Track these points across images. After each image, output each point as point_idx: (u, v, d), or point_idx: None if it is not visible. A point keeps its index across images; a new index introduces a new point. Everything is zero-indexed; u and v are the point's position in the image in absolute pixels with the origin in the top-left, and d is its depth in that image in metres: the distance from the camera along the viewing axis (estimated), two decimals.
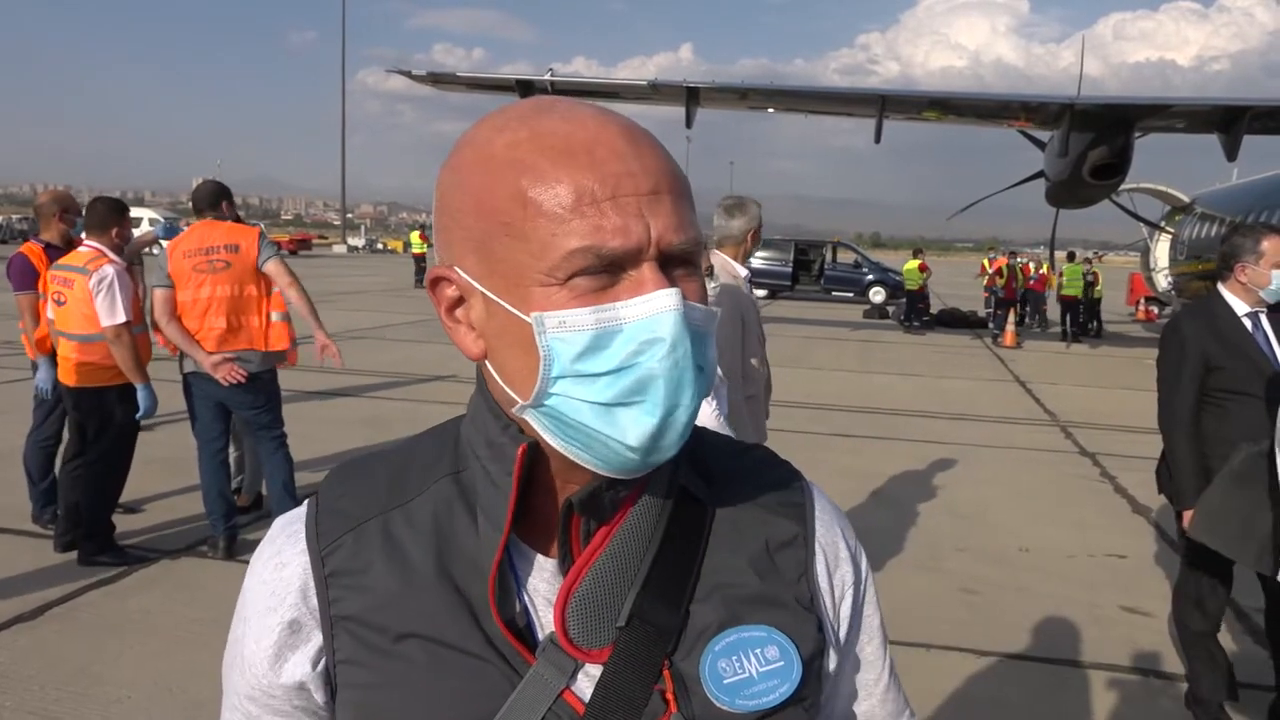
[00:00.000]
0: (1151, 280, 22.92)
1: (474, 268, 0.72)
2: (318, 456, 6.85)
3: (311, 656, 0.79)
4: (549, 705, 0.74)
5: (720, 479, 0.85)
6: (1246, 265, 3.47)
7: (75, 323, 4.89)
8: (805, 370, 13.43)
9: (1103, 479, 7.83)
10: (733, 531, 0.82)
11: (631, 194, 0.68)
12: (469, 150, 0.73)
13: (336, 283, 29.60)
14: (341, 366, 4.95)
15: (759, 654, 0.78)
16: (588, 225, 0.67)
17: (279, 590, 0.80)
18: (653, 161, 0.71)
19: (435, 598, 0.76)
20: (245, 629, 0.82)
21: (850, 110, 19.19)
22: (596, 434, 0.70)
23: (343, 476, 0.84)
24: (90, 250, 4.97)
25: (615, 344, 0.68)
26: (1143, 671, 4.24)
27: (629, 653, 0.75)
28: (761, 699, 0.77)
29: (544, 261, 0.68)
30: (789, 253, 31.57)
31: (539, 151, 0.69)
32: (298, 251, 52.22)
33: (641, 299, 0.68)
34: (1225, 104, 15.65)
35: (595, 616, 0.76)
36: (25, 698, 3.56)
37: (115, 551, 4.98)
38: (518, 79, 18.54)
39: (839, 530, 0.89)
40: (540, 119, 0.71)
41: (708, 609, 0.78)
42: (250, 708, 0.82)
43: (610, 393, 0.68)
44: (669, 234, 0.69)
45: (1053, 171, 16.69)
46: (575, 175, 0.68)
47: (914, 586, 5.12)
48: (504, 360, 0.73)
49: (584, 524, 0.77)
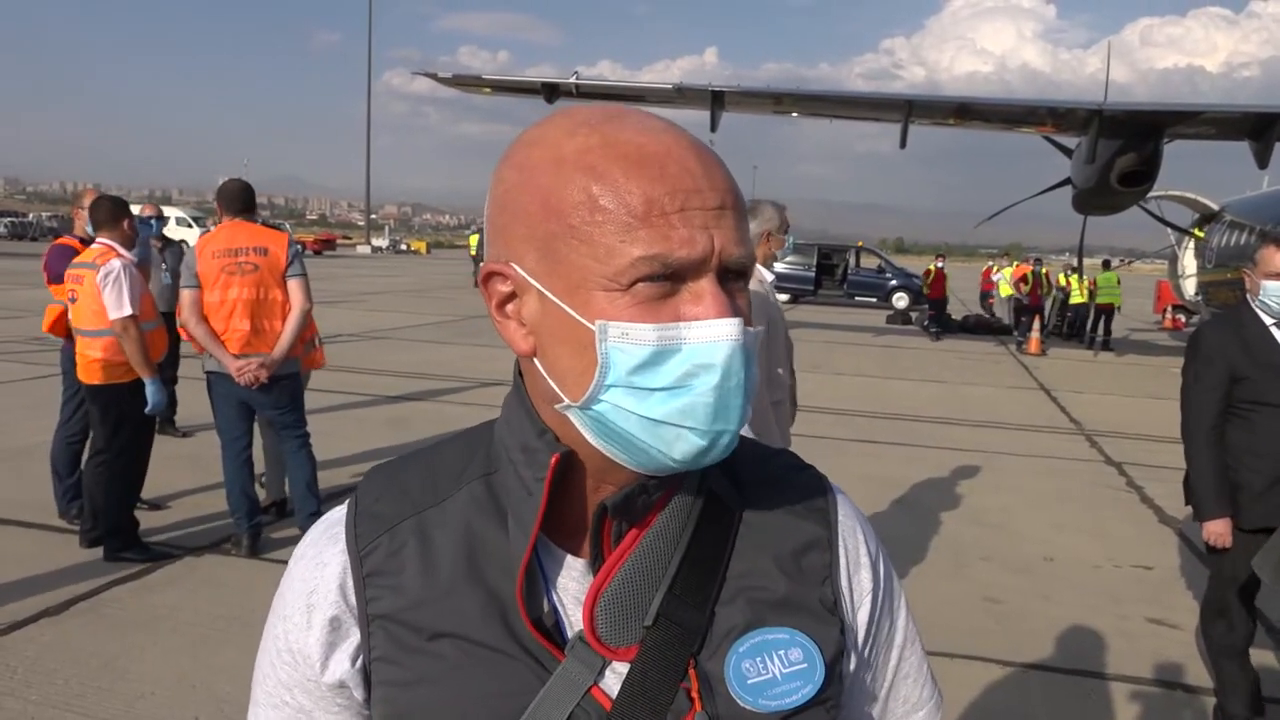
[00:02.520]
0: (1179, 288, 22.69)
1: (534, 266, 0.73)
2: (340, 456, 6.88)
3: (351, 654, 0.81)
4: (577, 701, 0.76)
5: (747, 484, 0.86)
6: (1247, 272, 3.46)
7: (86, 318, 4.94)
8: (828, 375, 13.38)
9: (1129, 489, 7.74)
10: (759, 535, 0.84)
11: (699, 208, 0.70)
12: (537, 150, 0.74)
13: (360, 283, 29.80)
14: (254, 385, 4.91)
15: (782, 655, 0.79)
16: (656, 234, 0.69)
17: (321, 588, 0.82)
18: (720, 179, 0.73)
19: (467, 597, 0.78)
20: (287, 625, 0.83)
21: (876, 115, 19.13)
22: (641, 442, 0.72)
23: (379, 479, 0.86)
24: (101, 246, 5.02)
25: (672, 362, 0.70)
26: (1168, 685, 4.18)
27: (656, 651, 0.77)
28: (784, 699, 0.78)
29: (609, 266, 0.69)
30: (812, 257, 31.48)
31: (612, 159, 0.71)
32: (322, 252, 52.62)
33: (705, 324, 0.69)
34: (1257, 111, 15.47)
35: (623, 615, 0.77)
36: (50, 691, 3.60)
37: (139, 548, 5.03)
38: (543, 82, 18.57)
39: (862, 535, 0.90)
40: (612, 127, 0.73)
41: (733, 611, 0.80)
42: (302, 700, 0.84)
43: (661, 410, 0.70)
44: (730, 248, 0.71)
45: (1080, 178, 16.55)
46: (646, 185, 0.70)
47: (938, 595, 5.08)
48: (554, 359, 0.74)
49: (615, 526, 0.79)
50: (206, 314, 4.98)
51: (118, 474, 5.03)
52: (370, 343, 14.49)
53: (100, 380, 4.98)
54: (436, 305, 22.23)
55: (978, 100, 18.28)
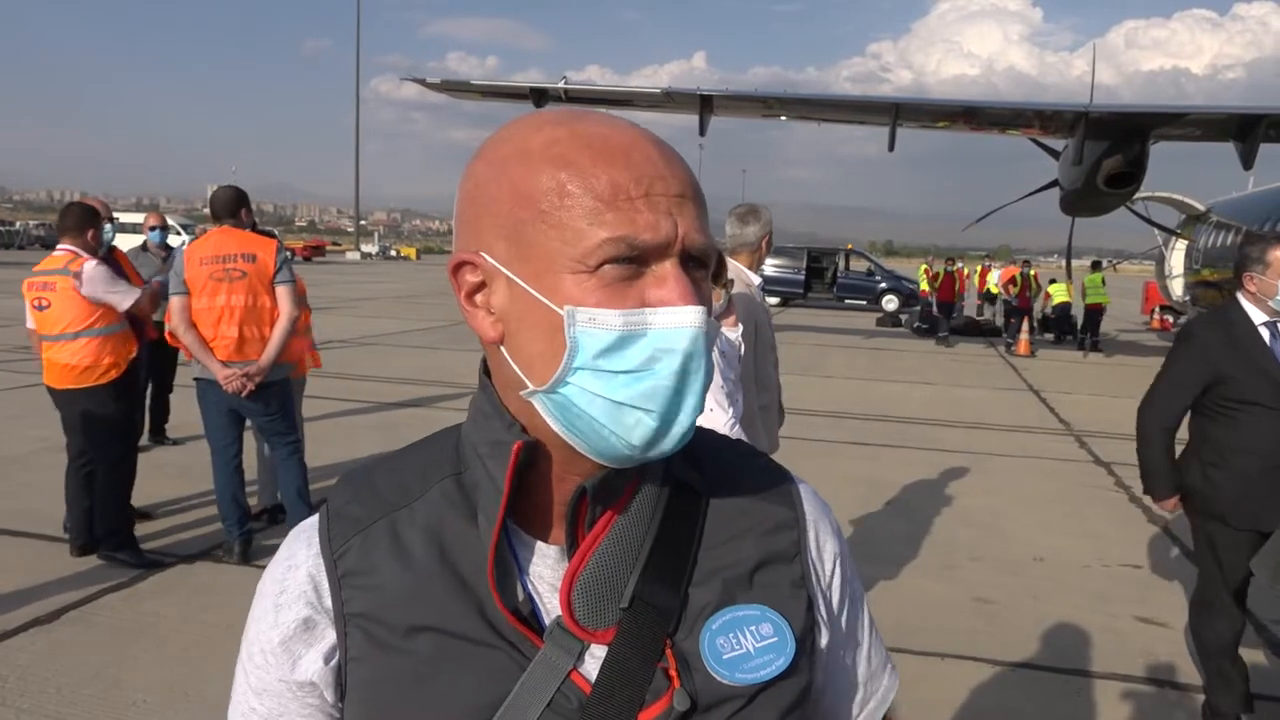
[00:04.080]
0: (1166, 289, 22.81)
1: (503, 253, 0.76)
2: (331, 463, 6.88)
3: (324, 653, 0.82)
4: (557, 686, 0.78)
5: (712, 472, 0.89)
6: (1254, 275, 3.45)
7: (62, 323, 4.92)
8: (818, 378, 13.41)
9: (1117, 489, 7.79)
10: (727, 518, 0.87)
11: (662, 194, 0.74)
12: (506, 146, 0.78)
13: (350, 289, 29.72)
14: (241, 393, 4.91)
15: (754, 630, 0.82)
16: (622, 218, 0.72)
17: (291, 590, 0.83)
18: (680, 170, 0.77)
19: (441, 591, 0.80)
20: (259, 627, 0.85)
21: (864, 118, 19.16)
22: (602, 427, 0.74)
23: (350, 483, 0.88)
24: (66, 253, 5.01)
25: (637, 346, 0.72)
26: (1158, 682, 4.21)
27: (632, 633, 0.79)
28: (759, 672, 0.81)
29: (577, 249, 0.72)
30: (802, 260, 31.53)
31: (579, 148, 0.74)
32: (311, 258, 52.41)
33: (669, 310, 0.72)
34: (1242, 112, 15.57)
35: (599, 599, 0.80)
36: (41, 700, 3.59)
37: (134, 550, 5.02)
38: (532, 86, 18.55)
39: (824, 514, 0.94)
40: (577, 122, 0.77)
41: (705, 590, 0.82)
42: (268, 704, 0.84)
43: (625, 393, 0.72)
44: (693, 234, 0.75)
45: (1067, 180, 16.62)
46: (613, 171, 0.73)
47: (928, 595, 5.10)
48: (522, 344, 0.76)
49: (590, 511, 0.81)
50: (195, 320, 4.96)
51: (107, 474, 5.01)
52: (360, 349, 14.46)
53: (73, 385, 4.96)
54: (426, 311, 22.19)
55: (965, 103, 18.34)
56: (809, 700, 0.88)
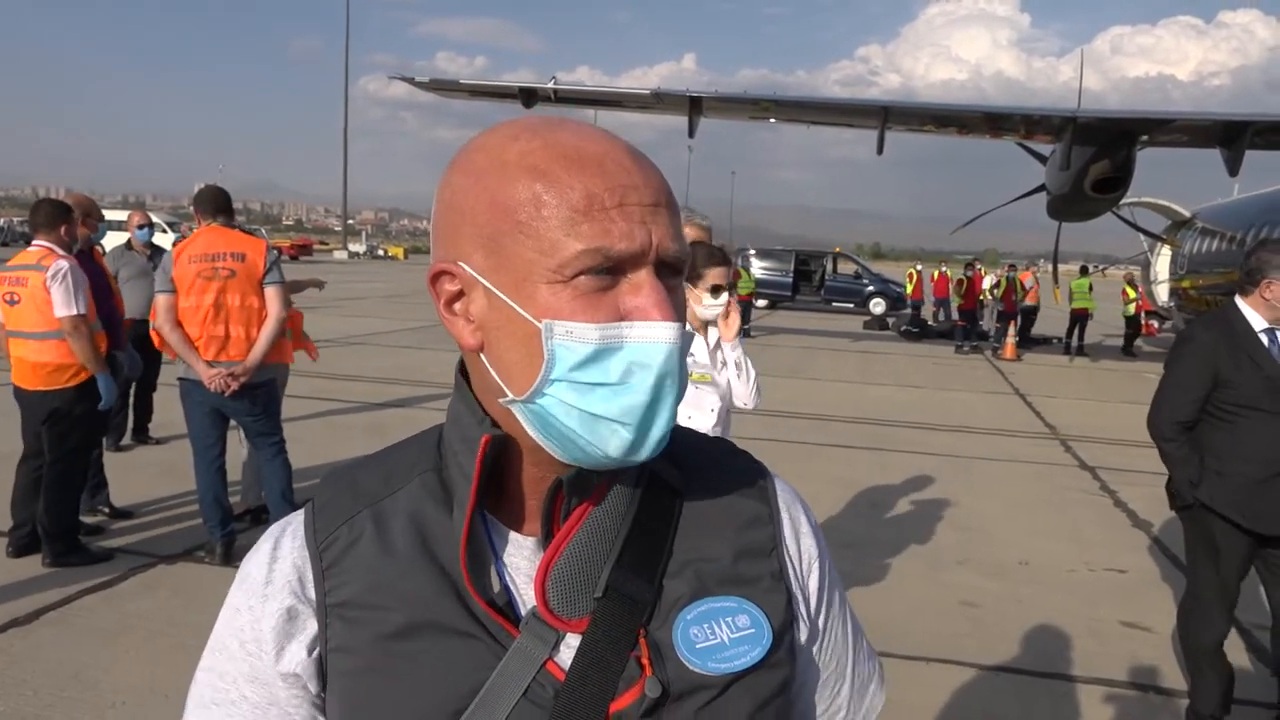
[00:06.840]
0: (1152, 294, 22.95)
1: (480, 263, 0.77)
2: (316, 463, 6.83)
3: (307, 644, 0.83)
4: (533, 675, 0.78)
5: (689, 467, 0.90)
6: (1274, 282, 3.42)
7: (32, 320, 4.88)
8: (804, 380, 13.40)
9: (1103, 493, 7.81)
10: (703, 513, 0.88)
11: (636, 204, 0.75)
12: (482, 155, 0.78)
13: (336, 289, 29.59)
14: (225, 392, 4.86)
15: (730, 621, 0.82)
16: (597, 228, 0.73)
17: (276, 579, 0.84)
18: (654, 179, 0.78)
19: (421, 581, 0.81)
20: (240, 619, 0.85)
21: (852, 121, 19.20)
22: (579, 437, 0.75)
23: (334, 479, 0.90)
24: (40, 249, 4.97)
25: (613, 360, 0.73)
26: (1142, 687, 4.22)
27: (605, 621, 0.80)
28: (733, 662, 0.81)
29: (553, 259, 0.73)
30: (790, 263, 31.60)
31: (553, 159, 0.75)
32: (298, 257, 52.18)
33: (645, 325, 0.74)
34: (1227, 119, 15.66)
35: (574, 588, 0.80)
36: (19, 703, 3.55)
37: (83, 552, 4.98)
38: (521, 86, 18.51)
39: (800, 509, 0.94)
40: (552, 131, 0.77)
41: (680, 582, 0.83)
42: (252, 692, 0.84)
43: (602, 406, 0.73)
44: (667, 242, 0.76)
45: (1054, 185, 16.71)
46: (587, 181, 0.74)
47: (913, 599, 5.10)
48: (500, 353, 0.77)
49: (566, 502, 0.81)
50: (181, 319, 4.92)
51: (61, 477, 4.97)
52: (347, 348, 14.40)
53: (43, 386, 4.91)
54: (413, 311, 22.12)
55: (954, 107, 18.40)
56: (788, 694, 0.88)
